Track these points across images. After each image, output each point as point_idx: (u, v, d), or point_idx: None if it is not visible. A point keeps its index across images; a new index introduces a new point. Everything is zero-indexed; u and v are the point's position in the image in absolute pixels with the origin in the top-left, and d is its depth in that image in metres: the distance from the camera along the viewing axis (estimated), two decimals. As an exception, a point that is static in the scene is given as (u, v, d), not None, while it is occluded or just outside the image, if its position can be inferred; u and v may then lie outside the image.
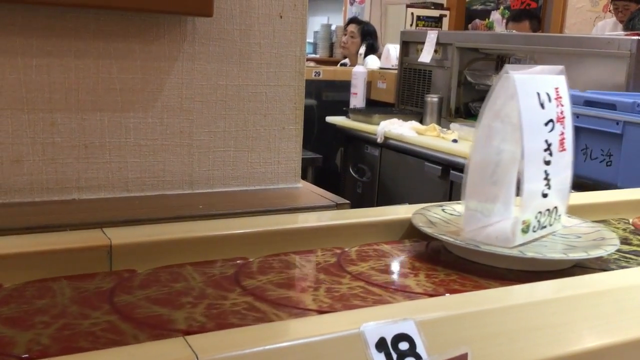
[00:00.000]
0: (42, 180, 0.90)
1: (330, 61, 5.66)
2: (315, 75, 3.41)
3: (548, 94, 0.79)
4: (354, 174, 3.12)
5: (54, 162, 0.91)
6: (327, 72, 3.51)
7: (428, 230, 0.80)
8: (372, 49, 4.10)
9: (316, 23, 6.64)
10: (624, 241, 0.91)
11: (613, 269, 0.81)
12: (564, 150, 0.81)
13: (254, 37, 1.01)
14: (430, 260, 0.81)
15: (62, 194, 0.91)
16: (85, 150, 0.92)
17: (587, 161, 1.76)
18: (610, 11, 4.14)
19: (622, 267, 0.82)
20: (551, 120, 0.79)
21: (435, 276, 0.76)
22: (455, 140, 2.56)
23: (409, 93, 3.16)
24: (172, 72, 0.96)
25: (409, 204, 0.89)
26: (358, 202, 3.02)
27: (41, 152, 0.90)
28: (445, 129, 2.70)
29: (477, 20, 5.34)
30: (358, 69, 3.27)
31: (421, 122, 2.88)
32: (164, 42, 0.95)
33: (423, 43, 2.94)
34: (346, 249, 0.81)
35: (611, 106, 1.64)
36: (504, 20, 4.80)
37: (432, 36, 2.89)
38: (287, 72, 1.03)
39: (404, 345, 0.57)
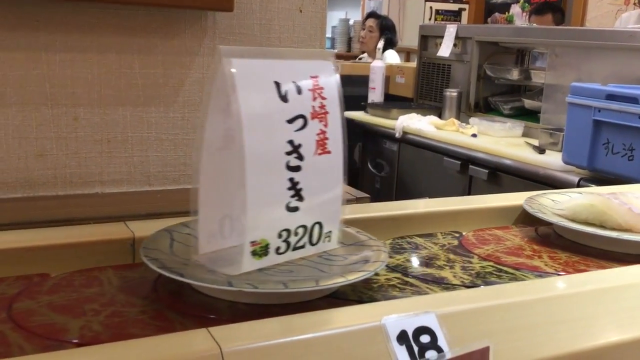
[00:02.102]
0: (66, 174, 0.91)
1: (348, 56, 5.65)
2: (333, 70, 3.39)
3: (297, 84, 0.63)
4: (372, 169, 3.11)
5: (77, 156, 0.92)
6: (345, 67, 3.50)
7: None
8: (391, 44, 4.08)
9: (334, 18, 6.62)
10: (429, 260, 0.80)
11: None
12: (325, 152, 0.65)
13: (274, 32, 1.02)
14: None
15: (85, 188, 0.93)
16: (108, 144, 0.93)
17: (609, 155, 1.74)
18: (634, 3, 4.09)
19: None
20: (301, 116, 0.63)
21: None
22: (474, 135, 2.55)
23: (427, 87, 3.15)
24: (193, 66, 0.96)
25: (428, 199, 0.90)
26: (376, 197, 3.01)
27: (64, 147, 0.91)
28: (464, 124, 2.69)
29: (497, 14, 5.29)
30: (376, 64, 3.26)
31: (440, 116, 2.87)
32: (185, 37, 0.95)
33: (442, 37, 2.92)
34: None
35: (633, 100, 1.62)
36: (524, 14, 4.76)
37: (451, 30, 2.87)
38: (308, 67, 1.03)
39: (425, 338, 0.57)
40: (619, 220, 0.83)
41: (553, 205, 0.93)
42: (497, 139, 2.48)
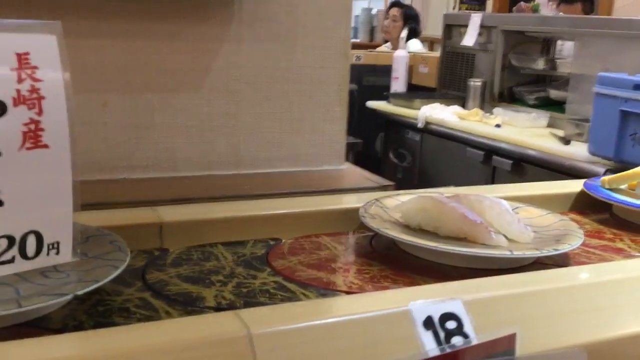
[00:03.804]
0: (95, 159, 0.92)
1: (371, 45, 5.62)
2: (356, 60, 3.39)
3: None
4: (394, 159, 3.10)
5: (106, 142, 0.93)
6: (368, 57, 3.49)
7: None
8: (414, 33, 4.05)
9: (357, 7, 6.59)
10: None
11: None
12: (40, 147, 0.53)
13: (299, 19, 1.02)
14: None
15: (113, 173, 0.94)
16: (136, 130, 0.95)
17: (636, 147, 1.72)
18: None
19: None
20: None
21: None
22: (498, 125, 2.53)
23: (451, 77, 3.12)
24: (220, 53, 0.97)
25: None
26: (398, 187, 3.00)
27: (93, 132, 0.92)
28: (488, 114, 2.66)
29: (522, 3, 5.21)
30: (399, 53, 3.24)
31: (463, 106, 2.85)
32: (212, 23, 0.96)
33: (466, 26, 2.90)
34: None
35: (662, 90, 1.60)
36: (550, 3, 4.69)
37: (475, 19, 2.84)
38: (332, 54, 1.04)
39: (451, 325, 0.57)
40: (451, 226, 0.73)
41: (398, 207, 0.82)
42: (522, 129, 2.46)
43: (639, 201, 0.90)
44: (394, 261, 0.73)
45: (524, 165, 2.31)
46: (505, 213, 0.75)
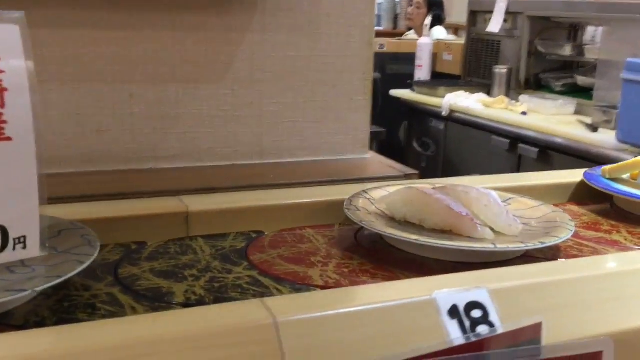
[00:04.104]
0: (121, 150, 0.94)
1: (395, 33, 5.58)
2: (379, 48, 3.37)
3: None
4: (418, 148, 3.09)
5: (132, 133, 0.94)
6: (391, 45, 3.46)
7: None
8: (439, 20, 4.01)
9: (380, -5, 6.54)
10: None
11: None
12: (4, 139, 0.52)
13: (323, 8, 1.02)
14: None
15: (139, 163, 0.95)
16: (162, 121, 0.96)
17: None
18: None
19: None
20: None
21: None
22: (524, 113, 2.50)
23: (476, 64, 3.09)
24: (243, 43, 0.97)
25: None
26: (422, 176, 2.99)
27: (120, 123, 0.94)
28: (514, 101, 2.64)
29: (548, -11, 5.13)
30: (423, 41, 3.22)
31: (489, 94, 2.82)
32: (235, 13, 0.96)
33: (491, 12, 2.86)
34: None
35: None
36: (577, -12, 4.60)
37: (501, 5, 2.80)
38: (356, 43, 1.03)
39: (476, 313, 0.57)
40: (436, 219, 0.71)
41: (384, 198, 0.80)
42: (548, 116, 2.43)
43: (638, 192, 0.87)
44: (376, 255, 0.72)
45: (551, 154, 2.28)
46: (494, 205, 0.73)
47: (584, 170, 0.96)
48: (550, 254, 0.73)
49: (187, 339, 0.47)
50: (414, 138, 3.10)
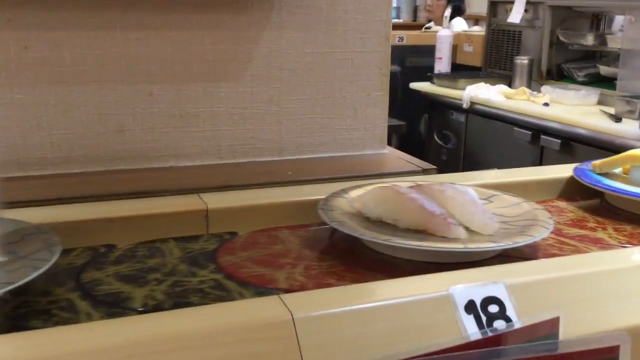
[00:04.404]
0: (142, 148, 0.95)
1: (414, 25, 5.54)
2: (398, 41, 3.36)
3: None
4: (438, 141, 3.07)
5: (152, 131, 0.96)
6: (410, 37, 3.45)
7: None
8: (458, 11, 3.98)
9: (400, -14, 6.50)
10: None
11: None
12: None
13: (339, 4, 1.02)
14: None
15: (160, 162, 0.97)
16: (181, 119, 0.97)
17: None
18: None
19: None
20: None
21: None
22: (546, 104, 2.47)
23: (497, 56, 3.06)
24: (261, 41, 0.98)
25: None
26: (443, 169, 2.98)
27: (141, 122, 0.95)
28: (535, 92, 2.61)
29: (571, -23, 5.05)
30: (443, 33, 3.19)
31: (510, 85, 2.80)
32: (252, 11, 0.97)
33: (512, 3, 2.83)
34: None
35: None
36: (600, -24, 4.53)
37: (521, -5, 2.77)
38: (373, 38, 1.03)
39: (493, 308, 0.57)
40: (410, 218, 0.69)
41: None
42: (571, 107, 2.40)
43: (630, 187, 0.84)
44: (348, 256, 0.70)
45: (573, 145, 2.26)
46: (470, 203, 0.71)
47: (575, 165, 0.93)
48: (527, 252, 0.71)
49: (205, 335, 0.47)
50: (434, 131, 3.08)
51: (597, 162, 0.90)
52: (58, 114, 0.91)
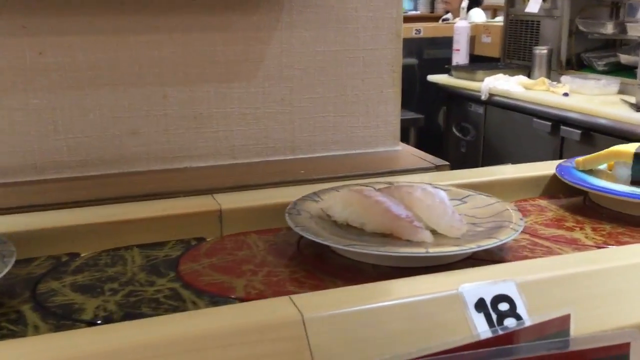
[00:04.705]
0: (157, 150, 0.96)
1: (432, 17, 5.50)
2: (415, 33, 3.34)
3: None
4: (457, 133, 3.06)
5: (166, 133, 0.97)
6: (428, 29, 3.42)
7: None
8: (476, 2, 3.94)
9: (417, -22, 6.45)
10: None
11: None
12: None
13: (350, 1, 1.02)
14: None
15: (174, 163, 0.98)
16: (195, 120, 0.98)
17: None
18: None
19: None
20: None
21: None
22: (566, 94, 2.45)
23: (515, 46, 3.03)
24: (272, 41, 0.98)
25: (517, 163, 0.86)
26: (462, 161, 2.97)
27: (155, 124, 0.96)
28: (555, 83, 2.58)
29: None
30: (460, 24, 3.17)
31: (529, 76, 2.77)
32: (262, 12, 0.97)
33: (530, -8, 2.80)
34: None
35: None
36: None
37: (539, -16, 2.74)
38: (384, 35, 1.03)
39: (503, 306, 0.57)
40: (376, 222, 0.67)
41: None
42: (591, 97, 2.37)
43: (613, 185, 0.81)
44: (313, 261, 0.68)
45: (594, 135, 2.23)
46: (438, 205, 0.68)
47: (559, 161, 0.90)
48: (498, 255, 0.69)
49: (214, 337, 0.48)
50: (453, 123, 3.07)
51: (581, 158, 0.87)
52: (74, 118, 0.92)
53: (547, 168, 0.90)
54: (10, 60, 0.88)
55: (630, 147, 0.82)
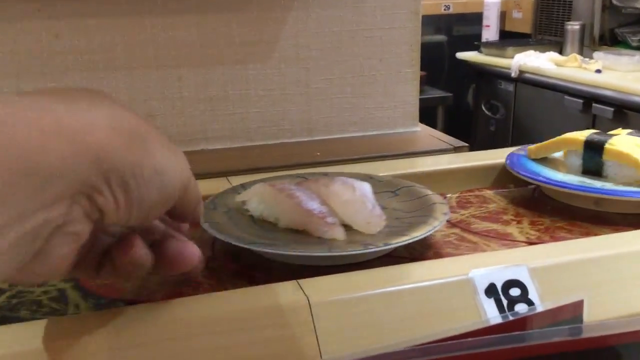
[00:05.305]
0: (173, 132, 0.97)
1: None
2: (444, 10, 3.28)
3: None
4: (486, 112, 3.01)
5: (182, 116, 0.97)
6: (457, 5, 3.36)
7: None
8: (507, -23, 3.85)
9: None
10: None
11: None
12: None
13: (367, -20, 1.00)
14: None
15: (190, 145, 0.98)
16: (210, 102, 0.98)
17: None
18: None
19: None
20: None
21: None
22: (598, 71, 2.39)
23: (547, 21, 2.96)
24: (287, 21, 0.97)
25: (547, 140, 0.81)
26: (491, 140, 2.93)
27: (171, 107, 0.96)
28: (587, 59, 2.52)
29: None
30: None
31: (560, 52, 2.71)
32: (277, -8, 0.96)
33: (562, -34, 2.73)
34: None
35: None
36: None
37: (572, -43, 2.66)
38: (402, 13, 1.01)
39: (515, 292, 0.56)
40: (288, 218, 0.64)
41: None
42: (624, 73, 2.31)
43: (562, 176, 0.75)
44: (224, 260, 0.65)
45: (627, 113, 2.18)
46: (356, 199, 0.64)
47: (513, 149, 0.85)
48: (418, 251, 0.65)
49: (219, 321, 0.48)
50: (482, 101, 3.02)
51: (533, 146, 0.81)
52: (90, 101, 0.93)
53: (500, 156, 0.84)
54: (27, 44, 0.89)
55: (581, 135, 0.76)
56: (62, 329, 0.46)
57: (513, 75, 2.68)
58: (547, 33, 2.94)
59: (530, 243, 0.67)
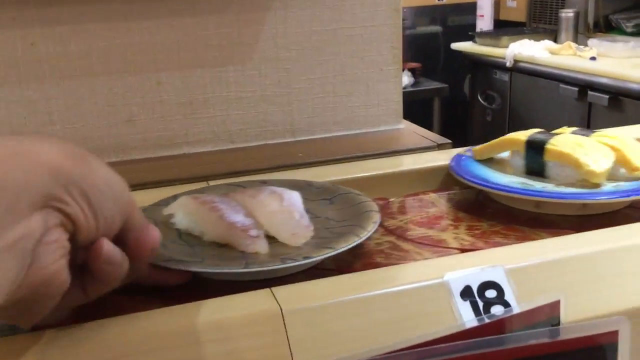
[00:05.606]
0: (154, 137, 0.96)
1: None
2: (439, 0, 3.27)
3: None
4: (482, 102, 3.00)
5: (163, 120, 0.96)
6: (451, -5, 3.35)
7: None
8: (501, -35, 3.83)
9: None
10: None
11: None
12: None
13: (347, -22, 0.99)
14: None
15: (172, 149, 0.97)
16: (191, 106, 0.97)
17: None
18: None
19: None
20: None
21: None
22: (593, 58, 2.38)
23: (541, 9, 2.95)
24: (266, 22, 0.96)
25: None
26: (488, 130, 2.92)
27: (151, 111, 0.96)
28: (582, 47, 2.51)
29: None
30: (485, -11, 3.09)
31: (555, 40, 2.70)
32: (255, -7, 0.95)
33: (555, -47, 2.71)
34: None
35: None
36: None
37: (565, -56, 2.64)
38: (382, 11, 1.00)
39: (491, 293, 0.56)
40: (212, 231, 0.62)
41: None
42: (620, 60, 2.29)
43: (504, 178, 0.74)
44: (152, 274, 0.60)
45: (623, 100, 2.16)
46: (283, 210, 0.62)
47: (459, 150, 0.83)
48: (345, 262, 0.63)
49: (190, 332, 0.48)
50: (478, 92, 3.01)
51: (478, 147, 0.80)
52: (68, 108, 0.93)
53: (447, 158, 0.82)
54: (2, 54, 0.89)
55: (523, 135, 0.75)
56: None
57: (508, 64, 2.67)
58: (541, 21, 2.92)
59: (463, 250, 0.65)
